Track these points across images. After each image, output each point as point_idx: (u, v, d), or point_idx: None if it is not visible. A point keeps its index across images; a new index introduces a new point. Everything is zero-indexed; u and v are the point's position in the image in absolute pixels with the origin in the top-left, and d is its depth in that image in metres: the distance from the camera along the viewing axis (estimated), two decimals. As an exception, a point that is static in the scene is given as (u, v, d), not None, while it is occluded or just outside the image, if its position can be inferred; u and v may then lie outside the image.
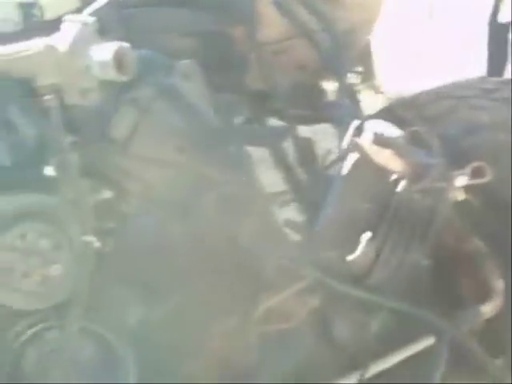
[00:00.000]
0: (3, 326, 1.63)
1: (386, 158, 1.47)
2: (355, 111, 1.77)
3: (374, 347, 1.58)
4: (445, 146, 1.69)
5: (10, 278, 1.48)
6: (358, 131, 1.51)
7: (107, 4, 1.67)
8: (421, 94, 2.15)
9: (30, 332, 1.64)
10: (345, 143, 1.52)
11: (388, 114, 1.83)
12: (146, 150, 1.66)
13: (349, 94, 1.82)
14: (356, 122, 1.53)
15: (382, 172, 1.50)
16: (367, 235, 1.51)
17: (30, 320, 1.63)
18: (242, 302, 1.62)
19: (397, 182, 1.51)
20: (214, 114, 1.63)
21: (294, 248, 1.59)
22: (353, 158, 1.52)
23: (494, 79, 2.55)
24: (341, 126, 1.75)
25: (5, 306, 1.57)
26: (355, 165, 1.51)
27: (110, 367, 1.65)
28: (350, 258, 1.51)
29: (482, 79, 2.18)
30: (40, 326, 1.64)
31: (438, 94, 2.08)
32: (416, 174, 1.48)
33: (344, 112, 1.74)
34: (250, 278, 1.65)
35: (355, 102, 1.84)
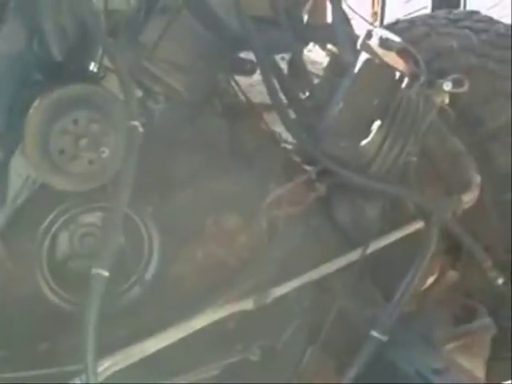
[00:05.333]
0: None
1: (391, 58, 1.71)
2: (349, 32, 1.99)
3: (372, 230, 1.83)
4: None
5: (60, 160, 1.65)
6: (368, 36, 1.73)
7: None
8: (396, 22, 2.41)
9: (63, 218, 1.81)
10: (358, 45, 1.75)
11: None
12: (171, 56, 1.86)
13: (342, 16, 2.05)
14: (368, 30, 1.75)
15: (388, 70, 1.73)
16: (377, 124, 1.75)
17: (64, 206, 1.80)
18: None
19: (400, 79, 1.74)
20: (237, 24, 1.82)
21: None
22: (363, 57, 1.75)
23: (458, 11, 2.83)
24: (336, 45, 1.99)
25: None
26: (366, 63, 1.74)
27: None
28: (362, 143, 1.75)
29: (447, 11, 2.44)
30: (74, 210, 1.81)
31: (411, 23, 2.34)
32: (414, 74, 1.72)
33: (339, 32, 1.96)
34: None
35: (348, 24, 2.07)
